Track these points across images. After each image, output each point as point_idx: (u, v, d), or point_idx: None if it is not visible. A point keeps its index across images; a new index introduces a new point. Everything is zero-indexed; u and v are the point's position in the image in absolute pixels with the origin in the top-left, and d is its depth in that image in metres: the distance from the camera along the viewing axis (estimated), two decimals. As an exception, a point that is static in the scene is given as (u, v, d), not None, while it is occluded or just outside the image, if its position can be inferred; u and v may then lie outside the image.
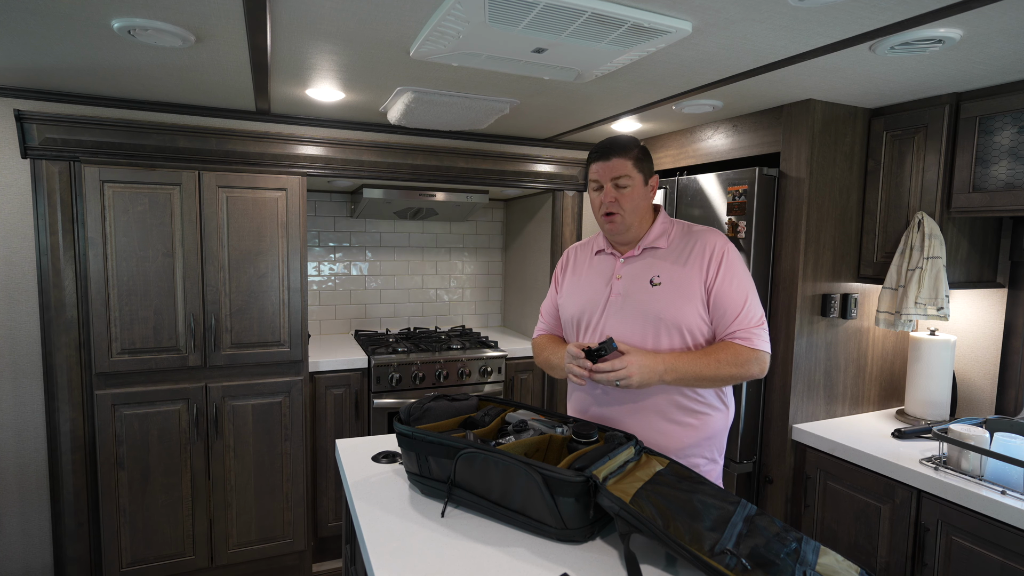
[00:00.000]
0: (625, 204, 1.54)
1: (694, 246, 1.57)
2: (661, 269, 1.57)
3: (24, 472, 2.42)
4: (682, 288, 1.53)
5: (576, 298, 1.68)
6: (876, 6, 1.35)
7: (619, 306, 1.58)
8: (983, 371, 2.24)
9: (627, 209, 1.55)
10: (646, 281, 1.58)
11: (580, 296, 1.67)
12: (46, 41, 1.73)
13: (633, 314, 1.56)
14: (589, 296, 1.64)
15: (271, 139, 2.57)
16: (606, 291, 1.62)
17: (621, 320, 1.57)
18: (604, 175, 1.55)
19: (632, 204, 1.55)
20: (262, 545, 2.68)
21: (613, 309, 1.59)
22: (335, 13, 1.47)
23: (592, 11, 1.36)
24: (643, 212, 1.59)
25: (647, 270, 1.59)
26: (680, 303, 1.53)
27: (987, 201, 1.92)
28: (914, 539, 1.82)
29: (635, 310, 1.56)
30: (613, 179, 1.53)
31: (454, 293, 3.80)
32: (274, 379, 2.63)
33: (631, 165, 1.54)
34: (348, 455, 1.64)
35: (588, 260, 1.71)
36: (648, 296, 1.55)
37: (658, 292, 1.55)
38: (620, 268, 1.62)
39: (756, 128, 2.39)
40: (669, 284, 1.55)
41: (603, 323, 1.60)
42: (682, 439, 1.55)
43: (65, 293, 2.34)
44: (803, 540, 1.10)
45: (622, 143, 1.56)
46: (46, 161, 2.28)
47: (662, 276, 1.56)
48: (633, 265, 1.61)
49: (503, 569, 1.09)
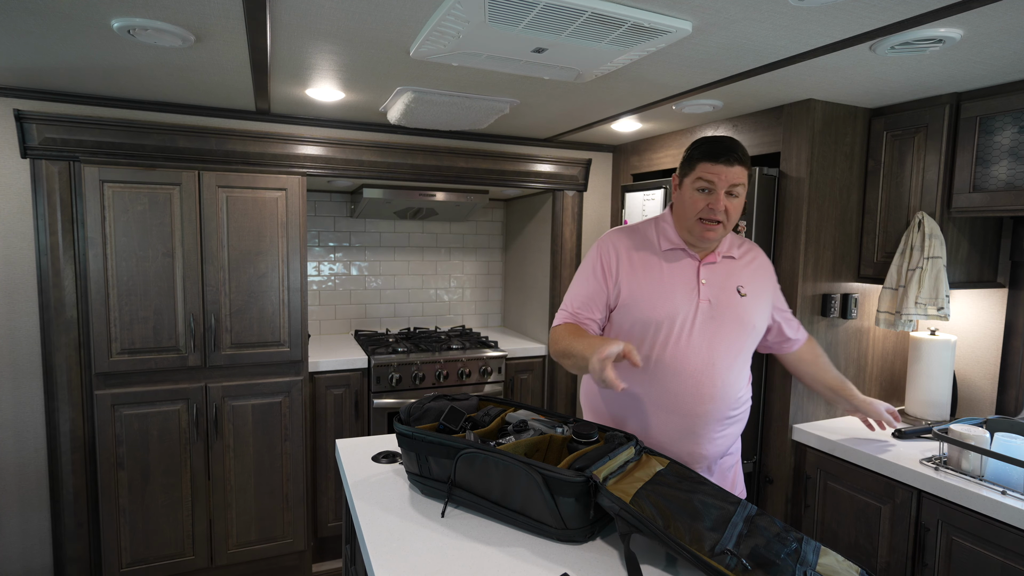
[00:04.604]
0: (733, 214, 1.48)
1: (756, 259, 1.66)
2: (741, 279, 1.58)
3: (24, 472, 2.42)
4: (761, 300, 1.61)
5: (659, 300, 1.53)
6: (876, 6, 1.35)
7: (710, 314, 1.52)
8: (983, 371, 2.24)
9: (733, 219, 1.50)
10: (733, 290, 1.55)
11: (664, 299, 1.53)
12: (46, 41, 1.73)
13: (728, 322, 1.52)
14: (675, 300, 1.52)
15: (271, 139, 2.57)
16: (694, 296, 1.53)
17: (717, 328, 1.52)
18: (721, 180, 1.45)
19: (737, 214, 1.50)
20: (262, 545, 2.68)
21: (704, 316, 1.52)
22: (335, 13, 1.47)
23: (592, 11, 1.36)
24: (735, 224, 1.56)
25: (729, 278, 1.56)
26: (763, 314, 1.62)
27: (987, 201, 1.92)
28: (914, 539, 1.82)
29: (730, 318, 1.53)
30: (731, 186, 1.46)
31: (454, 293, 3.80)
32: (274, 379, 2.63)
33: (746, 175, 1.49)
34: (348, 455, 1.64)
35: (656, 256, 1.57)
36: (739, 305, 1.54)
37: (747, 302, 1.55)
38: (703, 272, 1.55)
39: (756, 128, 2.39)
40: (752, 295, 1.58)
41: (695, 330, 1.51)
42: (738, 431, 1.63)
43: (65, 293, 2.34)
44: (803, 540, 1.10)
45: (743, 150, 1.48)
46: (46, 161, 2.28)
47: (745, 287, 1.57)
48: (714, 271, 1.57)
49: (503, 569, 1.09)
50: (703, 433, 1.53)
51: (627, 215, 2.98)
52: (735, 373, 1.54)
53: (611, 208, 3.39)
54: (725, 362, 1.52)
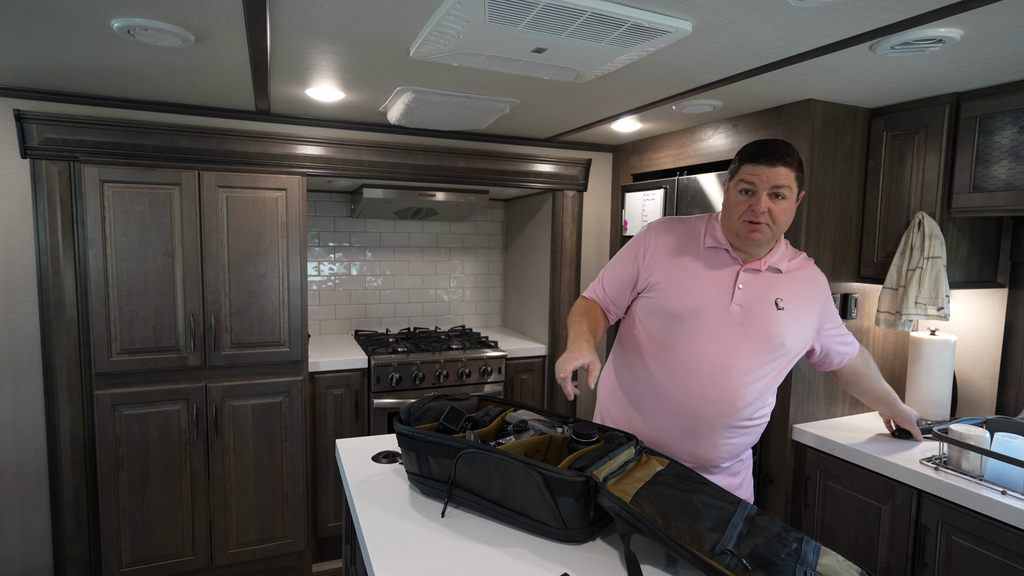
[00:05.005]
0: (779, 217, 1.44)
1: (810, 278, 1.58)
2: (783, 293, 1.51)
3: (24, 472, 2.42)
4: (802, 319, 1.53)
5: (686, 293, 1.51)
6: (876, 6, 1.35)
7: (739, 320, 1.47)
8: (983, 371, 2.24)
9: (780, 222, 1.45)
10: (770, 301, 1.49)
11: (692, 293, 1.51)
12: (46, 41, 1.73)
13: (755, 333, 1.47)
14: (704, 297, 1.50)
15: (271, 139, 2.57)
16: (726, 298, 1.49)
17: (742, 336, 1.47)
18: (763, 181, 1.42)
19: (785, 218, 1.46)
20: (262, 545, 2.68)
21: (732, 321, 1.47)
22: (335, 13, 1.47)
23: (592, 11, 1.36)
24: (786, 228, 1.50)
25: (770, 289, 1.51)
26: (799, 335, 1.53)
27: (987, 201, 1.92)
28: (914, 539, 1.82)
29: (758, 329, 1.47)
30: (774, 187, 1.42)
31: (454, 293, 3.80)
32: (274, 379, 2.63)
33: (794, 176, 1.44)
34: (348, 455, 1.64)
35: (698, 251, 1.55)
36: (772, 318, 1.48)
37: (782, 317, 1.49)
38: (742, 277, 1.51)
39: (756, 128, 2.39)
40: (792, 311, 1.50)
41: (718, 332, 1.47)
42: (749, 442, 1.60)
43: (65, 293, 2.34)
44: (804, 540, 1.10)
45: (788, 150, 1.45)
46: (46, 161, 2.28)
47: (785, 301, 1.50)
48: (755, 279, 1.51)
49: (503, 569, 1.09)
50: (705, 436, 1.51)
51: (627, 215, 2.98)
52: (751, 386, 1.48)
53: (611, 208, 3.39)
54: (741, 371, 1.47)
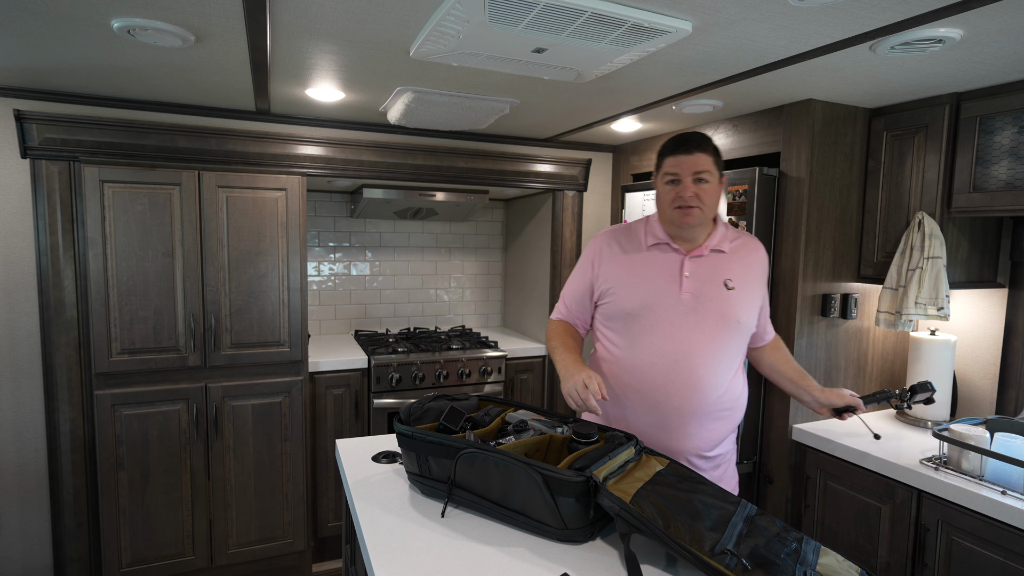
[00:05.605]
0: (705, 198, 1.53)
1: (752, 253, 1.64)
2: (731, 273, 1.58)
3: (24, 472, 2.42)
4: (751, 294, 1.61)
5: (635, 292, 1.59)
6: (876, 6, 1.35)
7: (691, 307, 1.54)
8: (983, 371, 2.24)
9: (707, 203, 1.54)
10: (719, 283, 1.56)
11: (641, 291, 1.58)
12: (46, 41, 1.73)
13: (709, 316, 1.54)
14: (653, 292, 1.57)
15: (271, 139, 2.57)
16: (674, 288, 1.56)
17: (697, 321, 1.54)
18: (685, 169, 1.53)
19: (711, 200, 1.55)
20: (262, 545, 2.68)
21: (684, 309, 1.54)
22: (335, 13, 1.47)
23: (592, 11, 1.36)
24: (715, 210, 1.60)
25: (717, 272, 1.58)
26: (752, 309, 1.61)
27: (988, 201, 1.92)
28: (914, 539, 1.82)
29: (712, 312, 1.54)
30: (695, 173, 1.52)
31: (454, 293, 3.80)
32: (274, 379, 2.63)
33: (712, 161, 1.54)
34: (348, 455, 1.64)
35: (641, 251, 1.64)
36: (724, 298, 1.55)
37: (734, 296, 1.56)
38: (688, 266, 1.58)
39: (756, 128, 2.39)
40: (741, 289, 1.58)
41: (674, 322, 1.54)
42: (725, 430, 1.61)
43: (65, 293, 2.34)
44: (803, 540, 1.10)
45: (703, 138, 1.56)
46: (46, 161, 2.28)
47: (735, 280, 1.57)
48: (700, 265, 1.59)
49: (503, 569, 1.09)
50: (675, 426, 1.55)
51: (627, 215, 2.98)
52: (715, 369, 1.54)
53: (611, 208, 3.39)
54: (701, 356, 1.53)
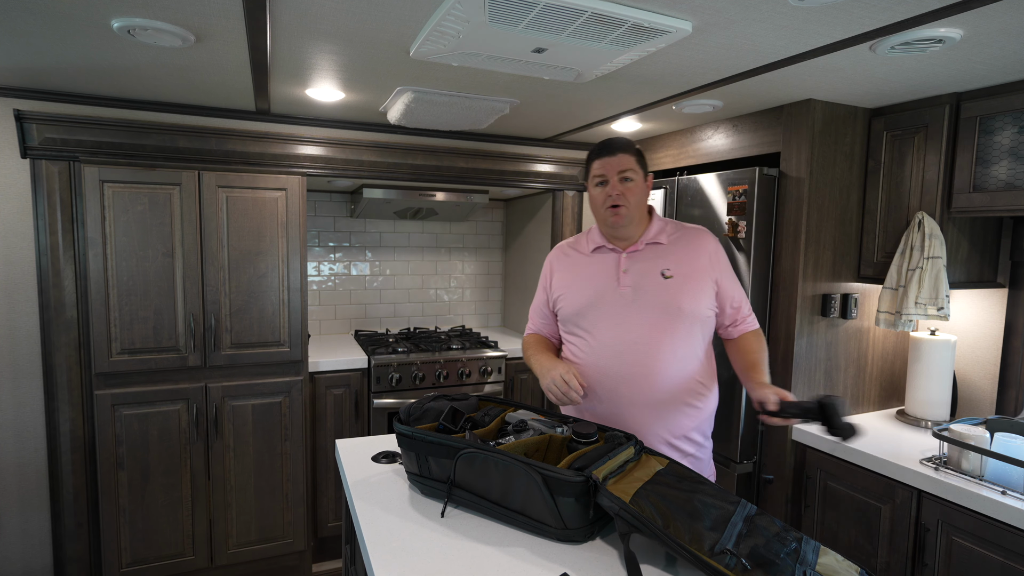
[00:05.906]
0: (631, 197, 1.59)
1: (693, 241, 1.66)
2: (669, 262, 1.62)
3: (24, 472, 2.42)
4: (694, 281, 1.61)
5: (579, 293, 1.66)
6: (876, 6, 1.35)
7: (631, 299, 1.59)
8: (983, 371, 2.24)
9: (632, 202, 1.59)
10: (657, 274, 1.60)
11: (584, 291, 1.65)
12: (46, 41, 1.73)
13: (649, 306, 1.58)
14: (595, 290, 1.64)
15: (271, 139, 2.57)
16: (613, 284, 1.62)
17: (638, 312, 1.58)
18: (610, 170, 1.59)
19: (636, 198, 1.60)
20: (262, 545, 2.68)
21: (624, 302, 1.60)
22: (335, 13, 1.47)
23: (592, 11, 1.36)
24: (644, 207, 1.66)
25: (655, 263, 1.62)
26: (696, 294, 1.60)
27: (988, 201, 1.92)
28: (914, 539, 1.82)
29: (651, 302, 1.58)
30: (619, 173, 1.58)
31: (454, 293, 3.80)
32: (274, 379, 2.63)
33: (634, 161, 1.61)
34: (348, 455, 1.64)
35: (584, 257, 1.71)
36: (663, 288, 1.59)
37: (672, 284, 1.59)
38: (625, 262, 1.63)
39: (756, 128, 2.39)
40: (681, 277, 1.60)
41: (615, 316, 1.59)
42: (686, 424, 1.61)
43: (65, 293, 2.34)
44: (803, 540, 1.10)
45: (624, 141, 1.63)
46: (46, 161, 2.28)
47: (672, 269, 1.60)
48: (638, 259, 1.63)
49: (503, 569, 1.09)
50: (630, 416, 1.57)
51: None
52: (665, 358, 1.56)
53: (611, 208, 3.39)
54: (648, 345, 1.56)
